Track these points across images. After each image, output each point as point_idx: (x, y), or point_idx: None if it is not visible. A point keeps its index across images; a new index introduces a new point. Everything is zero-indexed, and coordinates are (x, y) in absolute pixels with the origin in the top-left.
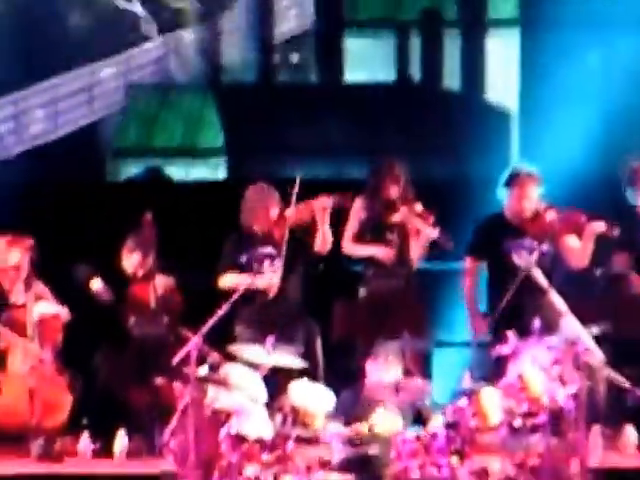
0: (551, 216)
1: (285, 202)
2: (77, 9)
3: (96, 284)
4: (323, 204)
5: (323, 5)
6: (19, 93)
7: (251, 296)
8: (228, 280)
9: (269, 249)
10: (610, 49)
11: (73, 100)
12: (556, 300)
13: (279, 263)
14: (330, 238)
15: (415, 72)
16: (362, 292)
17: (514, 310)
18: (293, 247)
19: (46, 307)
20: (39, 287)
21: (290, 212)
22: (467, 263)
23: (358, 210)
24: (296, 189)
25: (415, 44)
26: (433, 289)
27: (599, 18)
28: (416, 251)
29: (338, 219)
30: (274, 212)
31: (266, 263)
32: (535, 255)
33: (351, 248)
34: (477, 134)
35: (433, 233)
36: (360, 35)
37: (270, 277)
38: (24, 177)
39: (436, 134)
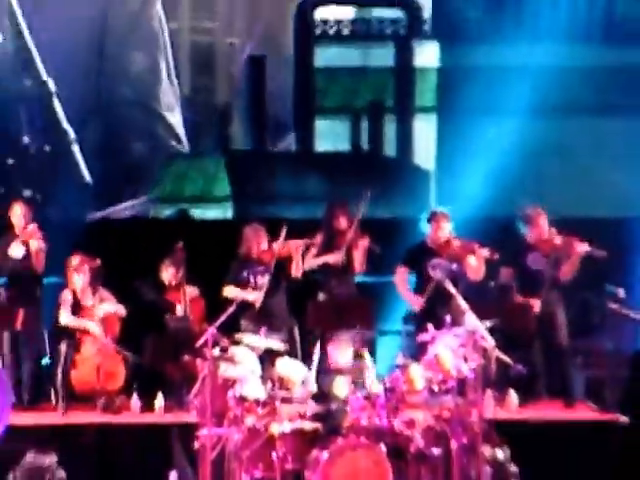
0: (456, 243)
1: (273, 236)
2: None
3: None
4: (297, 244)
5: (300, 96)
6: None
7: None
8: (228, 291)
9: (261, 268)
10: (501, 128)
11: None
12: (461, 302)
13: (267, 278)
14: (301, 267)
15: (364, 143)
16: (321, 296)
17: (432, 309)
18: (278, 269)
19: (108, 307)
20: (103, 293)
21: (277, 246)
22: (399, 269)
23: (318, 240)
24: (283, 232)
25: (364, 124)
26: (377, 294)
27: (494, 106)
28: (358, 263)
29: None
30: (264, 244)
31: (259, 277)
32: (446, 271)
33: (310, 263)
34: (407, 187)
35: (365, 242)
36: (326, 117)
37: (257, 295)
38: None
39: (378, 186)
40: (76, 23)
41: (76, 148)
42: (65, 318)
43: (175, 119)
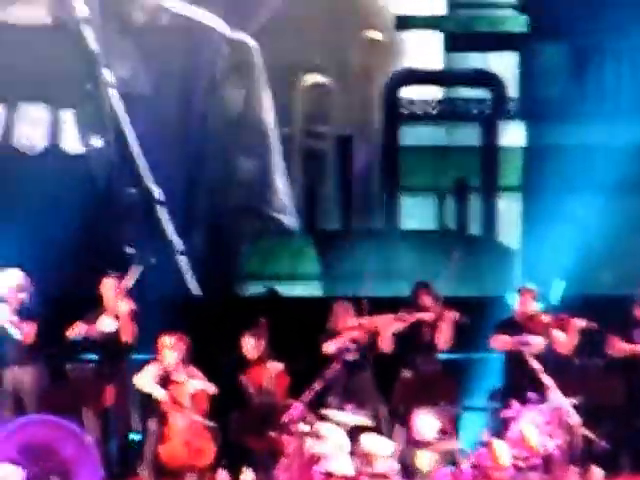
0: (543, 318)
1: (360, 312)
2: None
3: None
4: (386, 319)
5: (386, 175)
6: None
7: (336, 377)
8: (328, 346)
9: (350, 344)
10: (585, 205)
11: None
12: (546, 379)
13: (356, 354)
14: (390, 343)
15: (450, 222)
16: (406, 373)
17: (517, 385)
18: (366, 344)
19: (197, 384)
20: (192, 369)
21: (365, 321)
22: (496, 337)
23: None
24: (366, 306)
25: (450, 203)
26: (462, 371)
27: (578, 184)
28: (446, 336)
29: None
30: (352, 320)
31: (348, 353)
32: (532, 346)
33: (399, 325)
34: (492, 265)
35: (452, 314)
36: (412, 196)
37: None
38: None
39: (464, 264)
40: (178, 128)
41: (183, 259)
42: (140, 380)
43: (289, 221)
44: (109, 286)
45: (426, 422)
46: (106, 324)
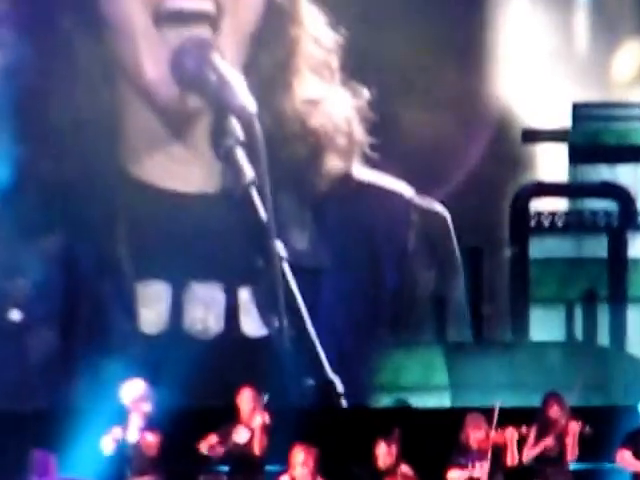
0: None
1: (490, 424)
2: None
3: None
4: (512, 434)
5: (515, 286)
6: None
7: None
8: (452, 475)
9: (480, 456)
10: None
11: None
12: None
13: (485, 467)
14: (516, 458)
15: (578, 333)
16: None
17: None
18: (494, 458)
19: None
20: None
21: (493, 434)
22: (622, 451)
23: (533, 432)
24: (495, 418)
25: (579, 313)
26: None
27: None
28: (570, 448)
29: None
30: (482, 432)
31: (477, 465)
32: None
33: (528, 455)
34: (621, 375)
35: (576, 427)
36: (541, 307)
37: (480, 472)
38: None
39: (593, 375)
40: (363, 308)
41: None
42: None
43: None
44: (247, 397)
45: None
46: (241, 436)
